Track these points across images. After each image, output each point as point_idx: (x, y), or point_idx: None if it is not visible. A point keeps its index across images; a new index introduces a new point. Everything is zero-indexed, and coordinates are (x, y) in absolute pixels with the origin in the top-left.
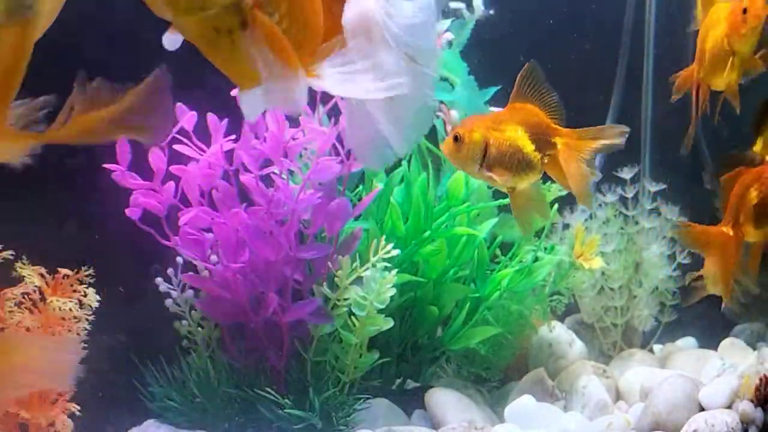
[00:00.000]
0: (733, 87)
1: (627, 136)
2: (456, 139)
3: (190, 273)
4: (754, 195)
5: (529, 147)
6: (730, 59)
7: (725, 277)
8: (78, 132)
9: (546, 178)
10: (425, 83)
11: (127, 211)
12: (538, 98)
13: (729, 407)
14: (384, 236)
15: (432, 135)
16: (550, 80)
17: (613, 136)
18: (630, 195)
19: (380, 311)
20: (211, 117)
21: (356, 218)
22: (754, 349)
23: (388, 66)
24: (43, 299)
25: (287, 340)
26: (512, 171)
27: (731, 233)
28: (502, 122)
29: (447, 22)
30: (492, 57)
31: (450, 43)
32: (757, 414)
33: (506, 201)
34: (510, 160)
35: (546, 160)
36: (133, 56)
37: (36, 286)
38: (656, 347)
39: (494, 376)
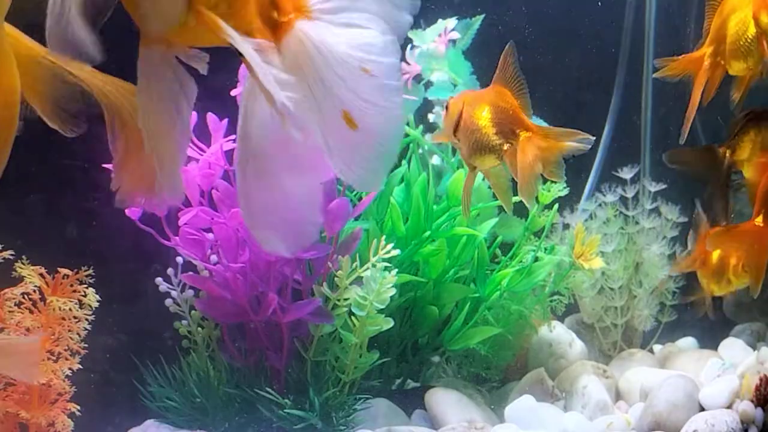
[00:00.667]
0: (755, 71)
1: (591, 144)
2: (447, 107)
3: (190, 273)
4: None
5: (490, 130)
6: (759, 40)
7: (760, 270)
8: None
9: (546, 177)
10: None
11: (127, 210)
12: (514, 82)
13: (729, 407)
14: (384, 236)
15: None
16: (550, 80)
17: (577, 140)
18: (630, 195)
19: (380, 311)
20: (211, 117)
21: (356, 218)
22: (754, 349)
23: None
24: (43, 299)
25: (287, 340)
26: (471, 148)
27: (763, 225)
28: (480, 100)
29: (452, 22)
30: (492, 57)
31: (454, 43)
32: (757, 414)
33: None
34: (472, 136)
35: (506, 148)
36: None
37: (36, 286)
38: (656, 347)
39: (494, 376)
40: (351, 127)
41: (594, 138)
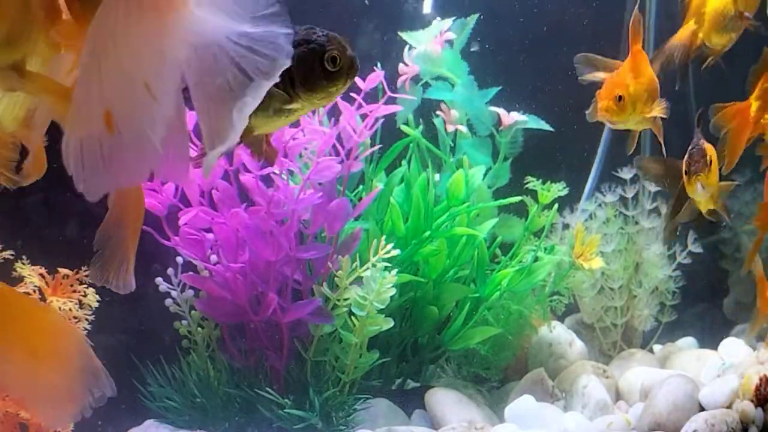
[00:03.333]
0: (726, 45)
1: None
2: (620, 99)
3: (190, 273)
4: None
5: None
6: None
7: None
8: None
9: (546, 177)
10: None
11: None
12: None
13: (729, 407)
14: (384, 236)
15: (432, 134)
16: (550, 80)
17: None
18: (630, 195)
19: (380, 311)
20: None
21: (356, 218)
22: (754, 349)
23: None
24: (42, 299)
25: (287, 340)
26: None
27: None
28: (637, 67)
29: (448, 22)
30: (492, 57)
31: (450, 43)
32: (757, 414)
33: (506, 201)
34: (654, 96)
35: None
36: None
37: (36, 286)
38: (656, 347)
39: (494, 376)
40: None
41: None
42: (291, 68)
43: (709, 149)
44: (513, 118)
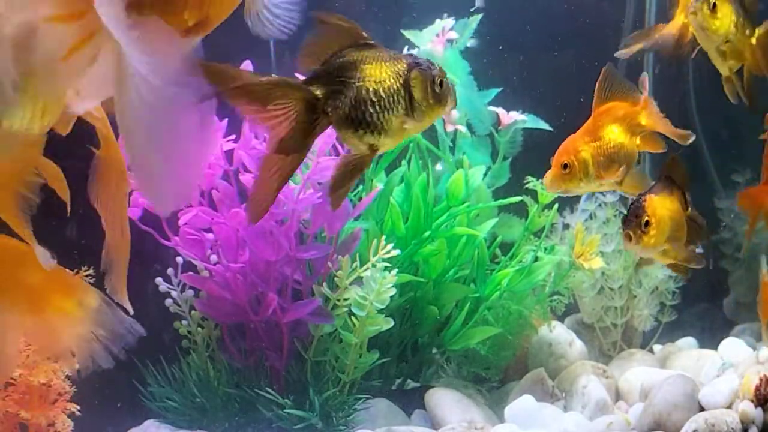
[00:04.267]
0: None
1: None
2: (565, 167)
3: (190, 273)
4: None
5: (627, 138)
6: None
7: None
8: None
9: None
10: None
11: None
12: (621, 93)
13: (729, 407)
14: (384, 236)
15: (432, 134)
16: (549, 80)
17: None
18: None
19: (380, 311)
20: None
21: (356, 218)
22: (754, 349)
23: None
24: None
25: (287, 340)
26: (619, 167)
27: None
28: (597, 130)
29: (450, 21)
30: (491, 57)
31: (452, 43)
32: (757, 414)
33: (506, 201)
34: (618, 158)
35: (639, 141)
36: None
37: None
38: (656, 347)
39: (494, 376)
40: None
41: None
42: (409, 90)
43: (653, 208)
44: (512, 117)
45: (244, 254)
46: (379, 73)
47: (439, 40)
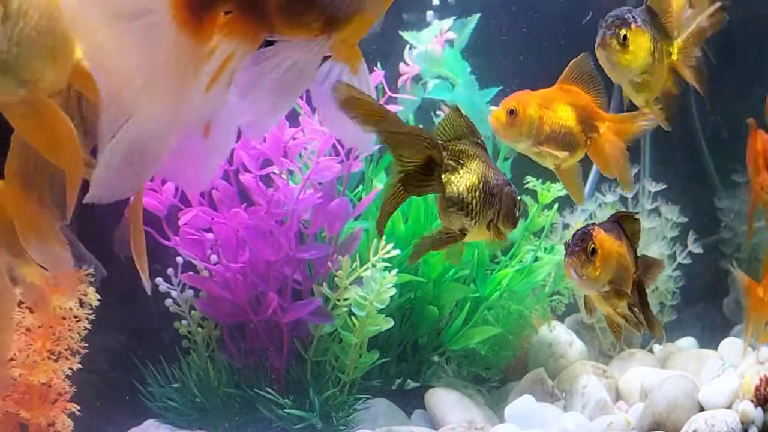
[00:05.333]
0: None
1: (654, 123)
2: (511, 112)
3: (190, 273)
4: None
5: (577, 128)
6: None
7: None
8: None
9: (546, 177)
10: None
11: (126, 210)
12: (586, 86)
13: (729, 407)
14: (384, 236)
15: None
16: (549, 80)
17: (646, 119)
18: (630, 195)
19: (380, 311)
20: None
21: (356, 218)
22: (754, 349)
23: None
24: (43, 299)
25: (287, 340)
26: (561, 149)
27: None
28: (553, 101)
29: (449, 21)
30: (491, 56)
31: (451, 43)
32: (757, 414)
33: None
34: (560, 139)
35: (589, 143)
36: None
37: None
38: (656, 347)
39: (494, 376)
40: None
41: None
42: (498, 205)
43: (601, 240)
44: None
45: (244, 254)
46: (488, 174)
47: (438, 41)
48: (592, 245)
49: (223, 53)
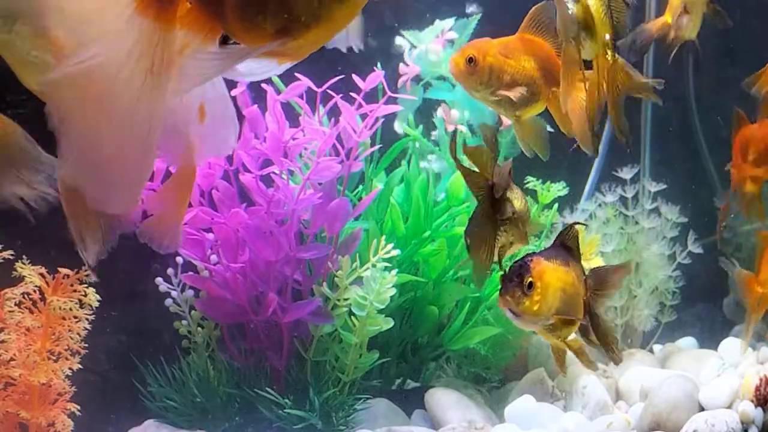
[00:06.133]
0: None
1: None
2: (470, 60)
3: (190, 273)
4: None
5: (539, 79)
6: None
7: None
8: None
9: (546, 177)
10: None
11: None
12: (547, 36)
13: (729, 407)
14: (384, 236)
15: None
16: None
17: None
18: (630, 195)
19: (380, 311)
20: None
21: (356, 218)
22: (754, 349)
23: None
24: (43, 299)
25: (287, 340)
26: (520, 99)
27: None
28: (515, 50)
29: (450, 21)
30: None
31: (452, 42)
32: (757, 414)
33: None
34: (520, 87)
35: (550, 96)
36: None
37: (36, 286)
38: (656, 347)
39: (494, 376)
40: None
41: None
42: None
43: (540, 271)
44: None
45: (244, 254)
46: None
47: (439, 41)
48: (529, 279)
49: (179, 42)
